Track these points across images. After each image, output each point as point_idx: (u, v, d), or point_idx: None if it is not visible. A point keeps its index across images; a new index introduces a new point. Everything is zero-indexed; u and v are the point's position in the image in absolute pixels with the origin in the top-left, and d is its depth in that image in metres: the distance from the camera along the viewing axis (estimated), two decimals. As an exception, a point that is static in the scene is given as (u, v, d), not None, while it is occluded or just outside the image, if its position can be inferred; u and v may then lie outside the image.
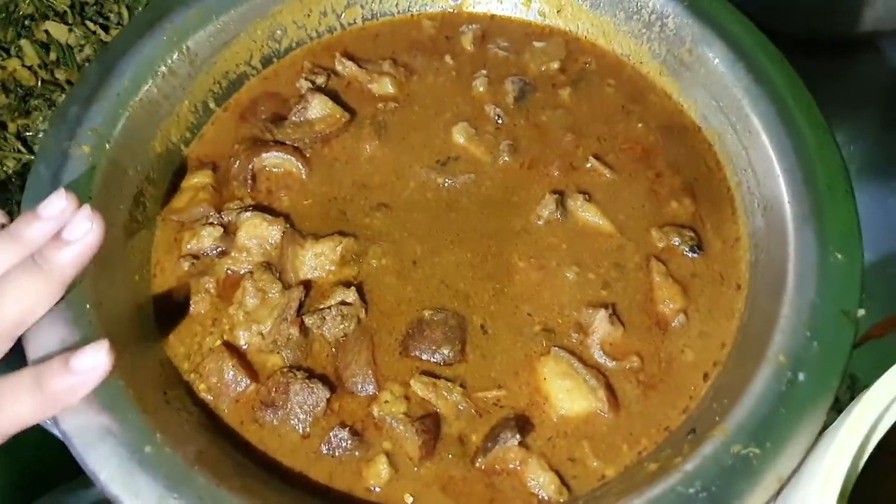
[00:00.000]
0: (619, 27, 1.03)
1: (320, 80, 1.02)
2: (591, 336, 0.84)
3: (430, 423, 0.79)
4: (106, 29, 1.09)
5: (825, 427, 0.73)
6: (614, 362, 0.83)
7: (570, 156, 0.97)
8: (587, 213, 0.92)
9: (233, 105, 1.02)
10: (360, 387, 0.81)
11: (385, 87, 1.03)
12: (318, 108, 0.99)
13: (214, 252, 0.89)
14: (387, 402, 0.80)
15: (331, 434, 0.78)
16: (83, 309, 0.77)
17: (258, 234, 0.90)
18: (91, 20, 1.09)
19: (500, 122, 0.99)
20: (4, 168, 1.03)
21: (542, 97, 1.02)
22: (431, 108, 1.02)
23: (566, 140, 0.97)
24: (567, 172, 0.95)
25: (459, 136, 0.98)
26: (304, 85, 1.01)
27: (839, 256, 0.80)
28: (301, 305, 0.85)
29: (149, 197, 0.92)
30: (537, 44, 1.06)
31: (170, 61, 0.95)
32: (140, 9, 1.11)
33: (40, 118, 1.05)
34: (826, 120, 0.89)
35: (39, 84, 1.07)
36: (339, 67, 1.04)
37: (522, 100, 1.01)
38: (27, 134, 1.05)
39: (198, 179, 0.95)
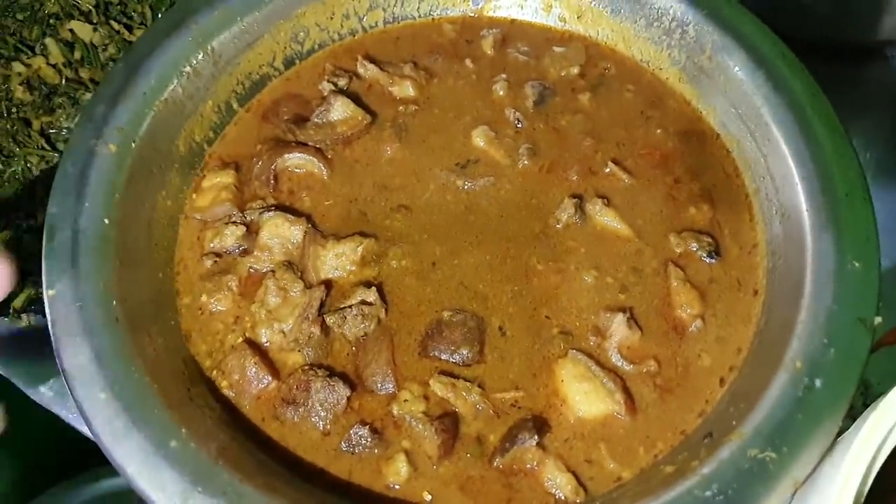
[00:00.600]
0: (640, 33, 1.04)
1: (342, 82, 1.03)
2: (608, 339, 0.85)
3: (448, 423, 0.80)
4: (130, 28, 1.10)
5: (840, 432, 0.74)
6: (632, 366, 0.84)
7: (589, 160, 0.98)
8: (605, 217, 0.93)
9: (255, 105, 1.03)
10: (379, 385, 0.82)
11: (406, 89, 1.04)
12: (340, 109, 1.00)
13: (237, 251, 0.91)
14: (406, 401, 0.81)
15: (351, 431, 0.79)
16: (109, 306, 0.79)
17: (280, 233, 0.91)
18: (115, 20, 1.10)
19: (519, 125, 1.00)
20: (28, 164, 1.04)
21: (561, 102, 1.03)
22: (451, 110, 1.03)
23: (585, 144, 0.98)
24: (586, 177, 0.96)
25: (479, 139, 0.99)
26: (326, 87, 1.02)
27: (856, 264, 0.81)
28: (322, 305, 0.87)
29: (172, 195, 0.93)
30: (557, 49, 1.07)
31: (194, 61, 0.96)
32: (164, 9, 1.12)
33: (64, 116, 1.06)
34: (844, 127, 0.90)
35: (64, 82, 1.08)
36: (360, 70, 1.05)
37: (542, 104, 1.02)
38: (51, 131, 1.06)
39: (220, 179, 0.96)
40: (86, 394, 0.74)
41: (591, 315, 0.87)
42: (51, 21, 1.09)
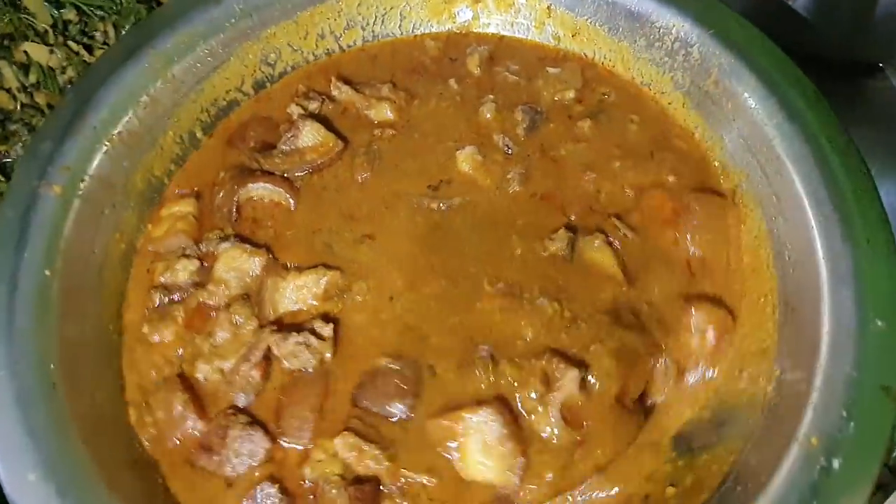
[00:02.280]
0: (640, 54, 0.95)
1: (314, 105, 0.95)
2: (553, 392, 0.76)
3: (367, 491, 0.71)
4: (90, 49, 1.03)
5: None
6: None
7: (590, 199, 0.89)
8: (597, 254, 0.84)
9: (220, 130, 0.95)
10: (295, 434, 0.75)
11: (383, 112, 0.95)
12: (309, 135, 0.92)
13: (189, 286, 0.83)
14: (320, 460, 0.73)
15: (256, 488, 0.72)
16: (47, 370, 0.72)
17: (238, 265, 0.84)
18: (74, 40, 1.02)
19: (509, 151, 0.92)
20: (-19, 198, 0.97)
21: (556, 129, 0.94)
22: (432, 135, 0.94)
23: (586, 179, 0.90)
24: (585, 216, 0.87)
25: (465, 163, 0.90)
26: (295, 111, 0.94)
27: (879, 323, 0.72)
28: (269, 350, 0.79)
29: (127, 238, 0.86)
30: (551, 70, 0.98)
31: (152, 90, 0.88)
32: (127, 27, 1.04)
33: (19, 144, 0.99)
34: (864, 161, 0.81)
35: (19, 108, 1.01)
36: (334, 92, 0.96)
37: (534, 130, 0.93)
38: (6, 161, 0.99)
39: (179, 208, 0.89)
40: (14, 476, 0.66)
41: (542, 360, 0.77)
42: (4, 42, 1.01)
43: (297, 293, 0.83)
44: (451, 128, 0.95)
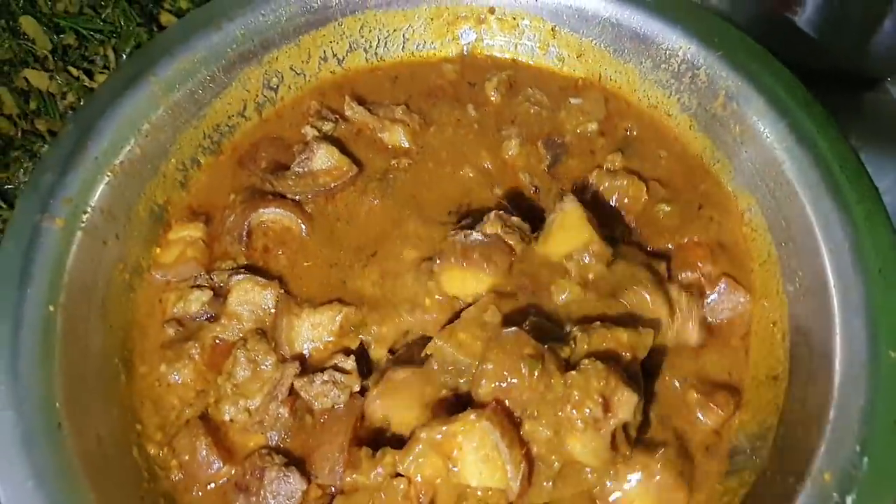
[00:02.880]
0: (646, 76, 0.94)
1: (328, 126, 0.94)
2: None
3: None
4: (90, 74, 1.02)
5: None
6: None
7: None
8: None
9: (230, 149, 0.94)
10: (328, 476, 0.74)
11: (397, 137, 0.94)
12: (324, 158, 0.90)
13: (203, 318, 0.83)
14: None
15: None
16: (52, 409, 0.71)
17: (250, 299, 0.83)
18: (74, 65, 1.02)
19: (535, 191, 0.90)
20: (-17, 225, 0.96)
21: (578, 164, 0.92)
22: (448, 164, 0.92)
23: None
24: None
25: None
26: (309, 132, 0.93)
27: (893, 355, 0.71)
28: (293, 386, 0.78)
29: (131, 267, 0.85)
30: (573, 100, 0.96)
31: (154, 117, 0.87)
32: (128, 50, 1.03)
33: (21, 171, 0.98)
34: (875, 186, 0.80)
35: (20, 135, 1.00)
36: (348, 112, 0.95)
37: (556, 165, 0.92)
38: (7, 187, 0.98)
39: (188, 232, 0.88)
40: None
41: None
42: (3, 69, 1.01)
43: (313, 331, 0.82)
44: (470, 155, 0.93)
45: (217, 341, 0.82)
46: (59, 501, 0.66)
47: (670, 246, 0.87)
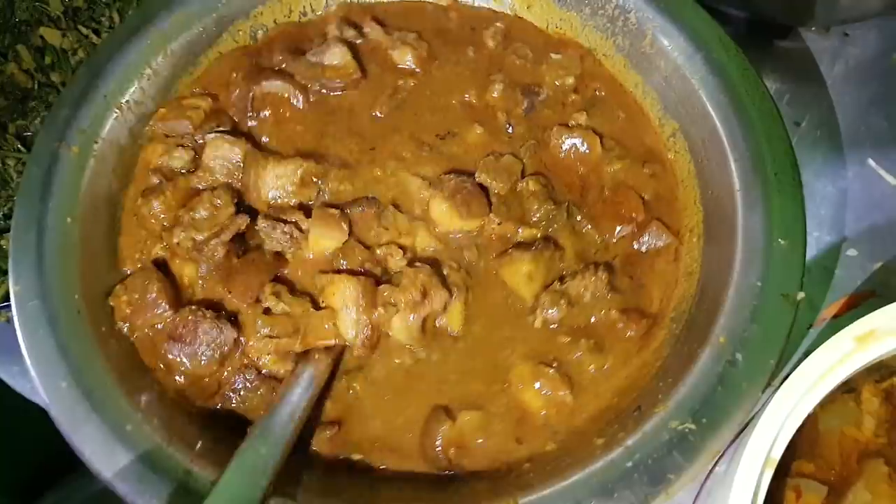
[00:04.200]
0: (586, 22, 1.06)
1: (350, 33, 1.06)
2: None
3: None
4: (97, 33, 1.15)
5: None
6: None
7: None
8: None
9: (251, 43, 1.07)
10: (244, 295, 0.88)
11: (405, 57, 1.05)
12: (335, 55, 1.02)
13: (182, 172, 0.95)
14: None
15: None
16: (72, 299, 0.84)
17: (221, 154, 0.95)
18: (84, 25, 1.14)
19: (510, 131, 1.02)
20: (6, 166, 1.09)
21: (551, 115, 1.03)
22: (442, 95, 1.04)
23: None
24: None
25: (472, 135, 1.00)
26: (332, 30, 1.05)
27: (782, 242, 0.84)
28: (240, 235, 0.90)
29: (133, 195, 0.97)
30: (554, 55, 1.06)
31: (154, 63, 1.00)
32: (130, 12, 1.16)
33: (37, 119, 1.11)
34: (777, 107, 0.92)
35: (36, 87, 1.13)
36: (366, 29, 1.07)
37: (532, 112, 1.03)
38: (26, 134, 1.11)
39: (195, 100, 0.99)
40: (48, 383, 0.79)
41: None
42: (21, 28, 1.14)
43: (277, 181, 0.93)
44: (460, 91, 1.04)
45: (191, 188, 0.94)
46: (80, 368, 0.80)
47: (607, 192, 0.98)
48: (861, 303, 1.03)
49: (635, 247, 0.94)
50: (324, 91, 1.02)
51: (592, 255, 0.94)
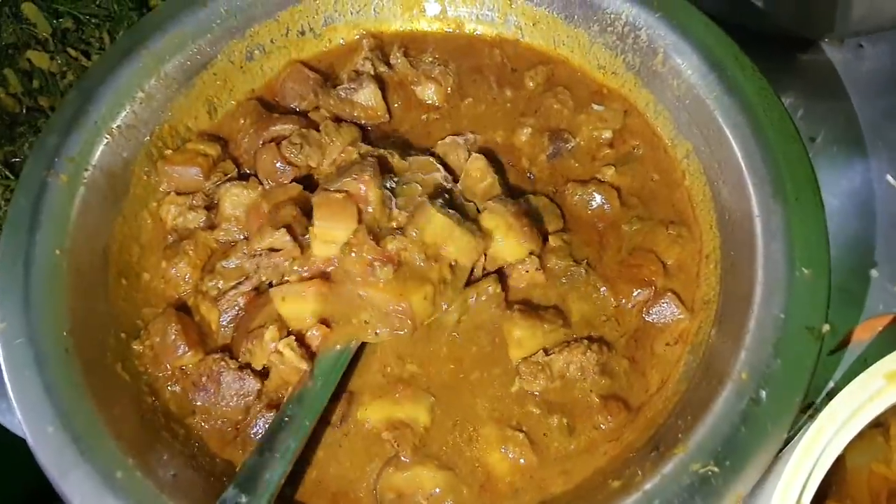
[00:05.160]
0: (594, 39, 1.03)
1: (382, 68, 1.03)
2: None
3: None
4: (87, 55, 1.11)
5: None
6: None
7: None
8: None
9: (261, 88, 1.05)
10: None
11: (427, 91, 1.03)
12: (367, 95, 1.00)
13: (200, 225, 0.93)
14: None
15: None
16: (59, 337, 0.80)
17: (241, 201, 0.92)
18: (73, 47, 1.11)
19: (531, 177, 0.98)
20: (-6, 194, 1.06)
21: (578, 167, 0.99)
22: (465, 132, 1.01)
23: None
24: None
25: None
26: (366, 65, 1.02)
27: (805, 271, 0.80)
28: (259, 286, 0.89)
29: (129, 221, 0.94)
30: (596, 106, 1.02)
31: (147, 86, 0.96)
32: (121, 33, 1.12)
33: (26, 145, 1.07)
34: (797, 127, 0.89)
35: (24, 111, 1.09)
36: (392, 60, 1.04)
37: (556, 158, 0.99)
38: (14, 160, 1.08)
39: (203, 146, 0.98)
40: (34, 427, 0.75)
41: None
42: (8, 51, 1.10)
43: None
44: (487, 131, 1.02)
45: (217, 243, 0.92)
46: (67, 412, 0.76)
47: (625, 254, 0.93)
48: (886, 327, 0.99)
49: (645, 318, 0.89)
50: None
51: (601, 324, 0.88)
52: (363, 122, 1.01)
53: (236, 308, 0.87)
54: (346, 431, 0.84)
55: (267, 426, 0.81)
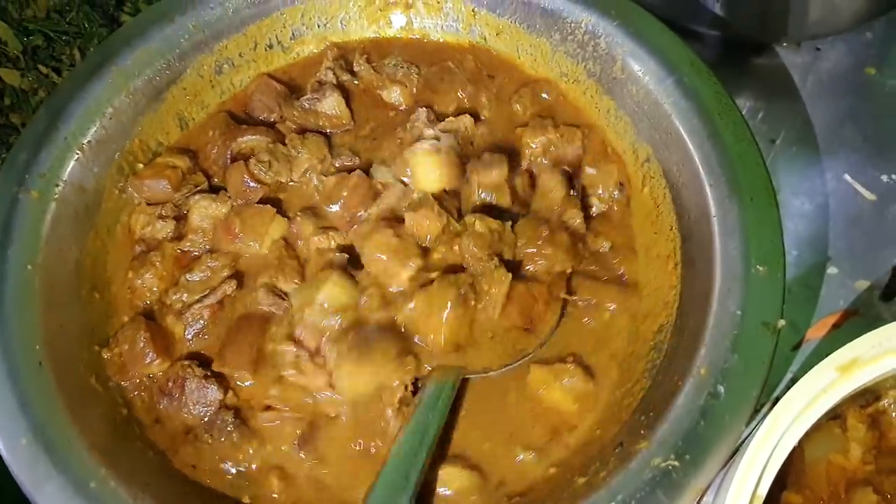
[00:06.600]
0: (556, 48, 1.05)
1: (346, 77, 1.05)
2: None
3: None
4: (58, 72, 1.12)
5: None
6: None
7: None
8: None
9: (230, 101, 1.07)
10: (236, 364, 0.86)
11: (392, 95, 1.05)
12: (331, 104, 1.02)
13: (168, 235, 0.94)
14: None
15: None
16: (33, 350, 0.81)
17: (209, 213, 0.94)
18: (44, 64, 1.12)
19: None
20: (-34, 210, 1.06)
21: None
22: None
23: None
24: None
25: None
26: (328, 76, 1.04)
27: (760, 269, 0.82)
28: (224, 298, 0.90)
29: (102, 236, 0.95)
30: (589, 169, 1.01)
31: (116, 102, 0.98)
32: (92, 49, 1.14)
33: (-1, 161, 1.08)
34: (752, 130, 0.91)
35: (-4, 128, 1.10)
36: (356, 68, 1.07)
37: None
38: (-13, 177, 1.08)
39: (171, 159, 0.99)
40: (8, 440, 0.76)
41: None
42: (-21, 69, 1.11)
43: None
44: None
45: (179, 251, 0.94)
46: (41, 424, 0.77)
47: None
48: (844, 322, 1.02)
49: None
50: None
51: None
52: (328, 130, 1.03)
53: (201, 322, 0.88)
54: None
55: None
